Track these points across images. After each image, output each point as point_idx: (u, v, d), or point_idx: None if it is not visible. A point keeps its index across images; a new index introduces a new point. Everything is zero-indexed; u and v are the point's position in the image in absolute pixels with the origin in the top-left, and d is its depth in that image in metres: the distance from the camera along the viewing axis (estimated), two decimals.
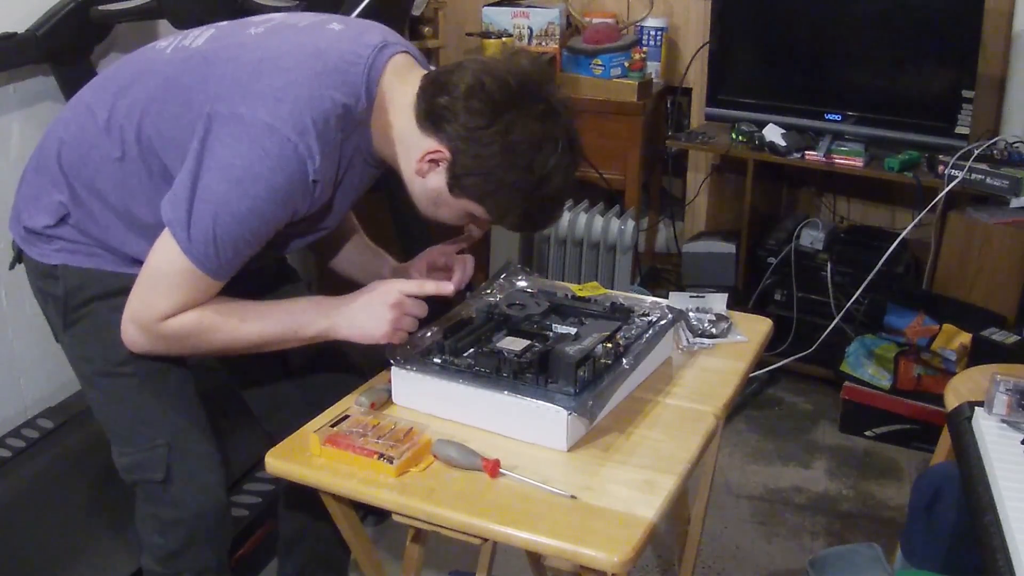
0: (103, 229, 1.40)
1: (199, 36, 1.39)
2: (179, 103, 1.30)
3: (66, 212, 1.40)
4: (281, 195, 1.25)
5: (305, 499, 1.66)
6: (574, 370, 1.25)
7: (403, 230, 2.63)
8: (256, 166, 1.22)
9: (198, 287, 1.28)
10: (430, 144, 1.30)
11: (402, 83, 1.33)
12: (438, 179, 1.32)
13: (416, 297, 1.35)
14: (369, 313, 1.34)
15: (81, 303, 1.42)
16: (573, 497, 1.14)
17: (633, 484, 1.17)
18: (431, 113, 1.29)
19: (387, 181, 1.49)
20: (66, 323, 1.44)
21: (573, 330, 1.42)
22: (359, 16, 2.09)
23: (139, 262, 1.34)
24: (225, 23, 1.42)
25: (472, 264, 1.52)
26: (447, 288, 1.38)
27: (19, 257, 1.48)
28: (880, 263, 2.69)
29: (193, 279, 1.27)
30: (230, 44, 1.34)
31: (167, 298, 1.28)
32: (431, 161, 1.31)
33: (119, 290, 1.37)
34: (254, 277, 1.39)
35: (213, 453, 1.48)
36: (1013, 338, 2.38)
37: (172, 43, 1.40)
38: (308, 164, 1.25)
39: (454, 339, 1.35)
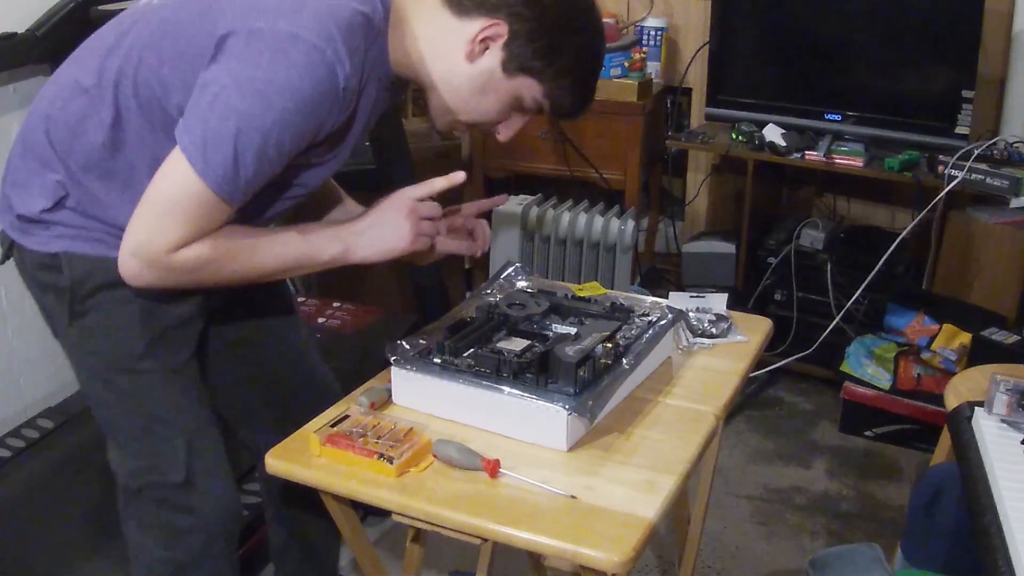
0: (105, 207, 1.31)
1: None
2: (181, 40, 1.23)
3: (64, 193, 1.31)
4: (309, 105, 1.18)
5: (292, 504, 1.67)
6: (574, 370, 1.25)
7: None
8: (281, 76, 1.15)
9: (212, 214, 1.20)
10: (479, 23, 1.25)
11: None
12: (491, 60, 1.27)
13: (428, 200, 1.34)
14: (384, 227, 1.32)
15: (88, 293, 1.33)
16: (573, 497, 1.14)
17: (633, 484, 1.17)
18: None
19: (388, 175, 1.48)
20: (72, 315, 1.34)
21: (573, 330, 1.42)
22: None
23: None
24: None
25: (488, 231, 1.50)
26: (459, 177, 1.36)
27: (9, 250, 1.39)
28: (880, 263, 2.69)
29: (208, 205, 1.19)
30: None
31: (178, 228, 1.19)
32: (485, 39, 1.26)
33: (123, 279, 1.29)
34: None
35: (224, 454, 1.45)
36: (1013, 338, 2.38)
37: None
38: (338, 69, 1.18)
39: (454, 339, 1.35)
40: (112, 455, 1.44)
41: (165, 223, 1.19)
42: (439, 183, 1.34)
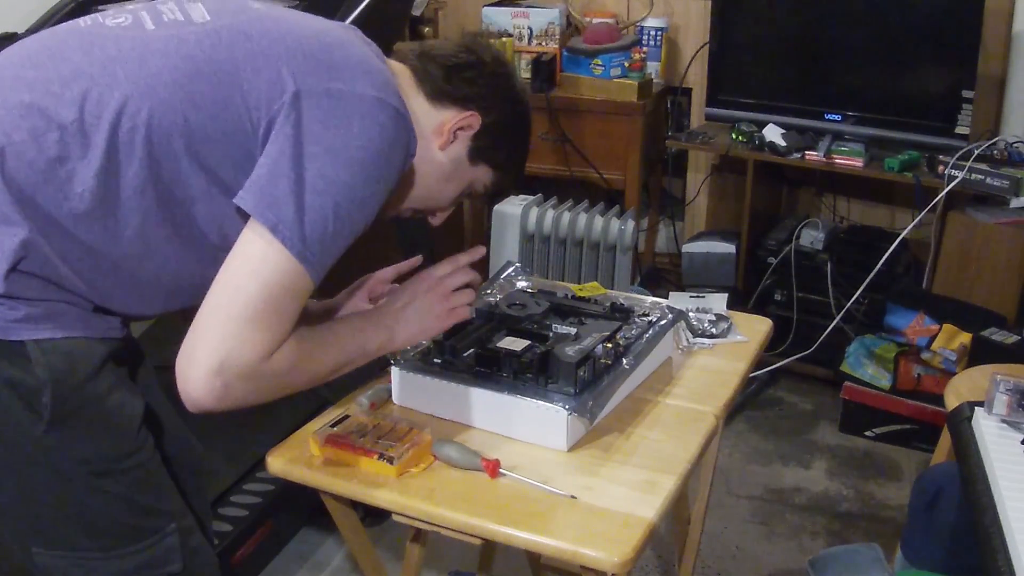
0: (80, 268, 1.09)
1: (186, 10, 1.16)
2: (220, 85, 1.09)
3: (24, 254, 1.04)
4: (395, 171, 1.14)
5: None
6: (574, 370, 1.25)
7: (405, 237, 2.62)
8: (375, 144, 1.09)
9: (301, 303, 1.09)
10: (452, 113, 1.26)
11: (390, 67, 1.25)
12: (459, 149, 1.29)
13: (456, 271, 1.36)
14: (420, 310, 1.31)
15: (72, 389, 1.08)
16: (573, 497, 1.14)
17: (633, 484, 1.17)
18: (446, 81, 1.26)
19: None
20: (53, 420, 1.07)
21: (573, 330, 1.42)
22: (360, 16, 2.08)
23: (104, 310, 1.11)
24: None
25: None
26: (479, 252, 1.39)
27: None
28: (880, 263, 2.69)
29: (301, 292, 1.08)
30: (256, 18, 1.16)
31: (272, 327, 1.05)
32: (459, 130, 1.27)
33: (104, 360, 1.12)
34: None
35: (195, 523, 1.29)
36: (1013, 338, 2.38)
37: (143, 21, 1.14)
38: (412, 134, 1.16)
39: (454, 339, 1.35)
40: (70, 566, 1.16)
41: (258, 326, 1.04)
42: (463, 258, 1.37)
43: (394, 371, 1.34)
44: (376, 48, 1.25)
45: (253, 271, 1.05)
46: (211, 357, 1.03)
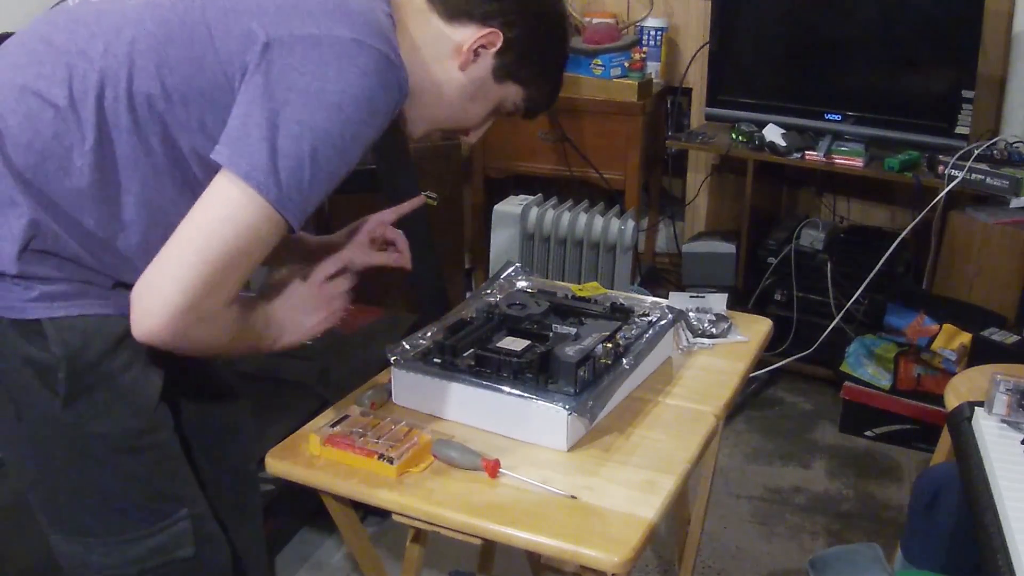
0: (89, 245, 1.11)
1: None
2: (196, 45, 1.08)
3: (33, 234, 1.07)
4: (382, 115, 1.11)
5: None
6: (574, 370, 1.25)
7: (413, 259, 2.62)
8: (354, 87, 1.06)
9: (272, 244, 1.08)
10: (471, 31, 1.21)
11: None
12: (482, 67, 1.24)
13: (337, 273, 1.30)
14: (297, 314, 1.25)
15: (88, 365, 1.11)
16: (573, 497, 1.14)
17: (633, 484, 1.17)
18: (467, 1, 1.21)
19: (389, 175, 1.46)
20: (70, 395, 1.11)
21: (573, 330, 1.42)
22: None
23: (125, 284, 1.11)
24: None
25: (405, 239, 1.44)
26: (418, 201, 1.39)
27: None
28: (880, 263, 2.69)
29: (276, 237, 1.07)
30: None
31: (246, 270, 1.07)
32: (480, 48, 1.22)
33: (119, 337, 1.12)
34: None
35: (207, 505, 1.30)
36: (1013, 338, 2.38)
37: None
38: (401, 75, 1.12)
39: (454, 339, 1.35)
40: (82, 551, 1.20)
41: (230, 272, 1.05)
42: (329, 267, 1.30)
43: (394, 371, 1.34)
44: None
45: (228, 216, 1.04)
46: (182, 296, 1.02)
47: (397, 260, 1.42)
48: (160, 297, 1.03)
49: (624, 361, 1.34)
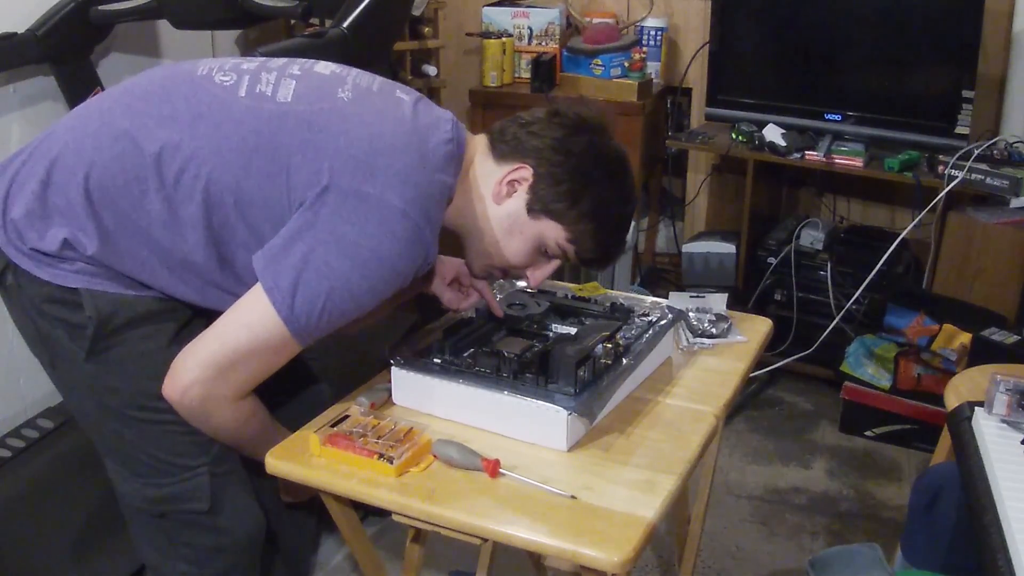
0: (130, 263, 1.29)
1: (277, 86, 1.30)
2: (275, 163, 1.24)
3: (86, 247, 1.27)
4: (401, 277, 1.24)
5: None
6: (574, 370, 1.25)
7: None
8: (384, 248, 1.20)
9: (282, 357, 1.25)
10: (509, 167, 1.33)
11: (473, 143, 1.37)
12: (517, 202, 1.33)
13: None
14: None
15: (113, 331, 1.30)
16: (573, 497, 1.14)
17: (633, 484, 1.17)
18: (514, 139, 1.33)
19: None
20: (91, 352, 1.31)
21: (573, 330, 1.42)
22: (359, 16, 2.09)
23: (164, 293, 1.32)
24: (296, 71, 1.34)
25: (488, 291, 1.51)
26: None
27: (4, 272, 1.32)
28: (880, 263, 2.69)
29: (283, 349, 1.23)
30: (328, 111, 1.27)
31: (250, 374, 1.23)
32: (512, 182, 1.32)
33: (145, 315, 1.32)
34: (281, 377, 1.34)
35: (243, 470, 1.44)
36: (1013, 338, 2.38)
37: (240, 85, 1.30)
38: (430, 250, 1.25)
39: (454, 339, 1.35)
40: (122, 481, 1.40)
41: (237, 368, 1.22)
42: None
43: (394, 371, 1.35)
44: (457, 136, 1.32)
45: (247, 323, 1.21)
46: (198, 372, 1.21)
47: (457, 303, 1.50)
48: (183, 367, 1.22)
49: (624, 361, 1.34)
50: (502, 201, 1.34)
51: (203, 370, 1.21)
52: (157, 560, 1.45)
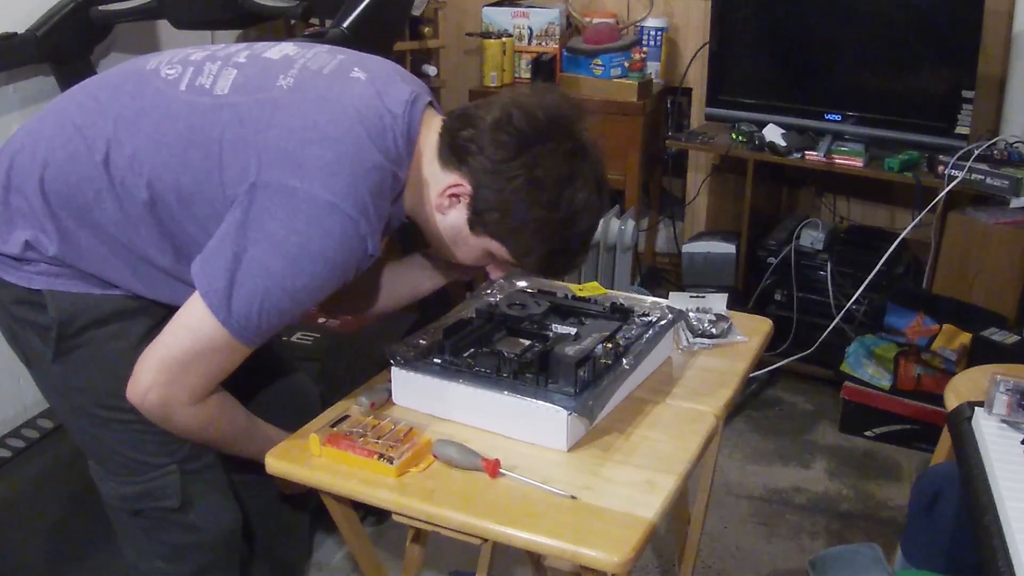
0: (92, 262, 1.29)
1: (217, 77, 1.27)
2: (208, 159, 1.21)
3: (47, 247, 1.27)
4: (339, 272, 1.21)
5: (261, 519, 1.66)
6: (574, 370, 1.25)
7: (406, 239, 2.62)
8: (315, 244, 1.17)
9: (230, 358, 1.23)
10: (451, 179, 1.27)
11: (429, 133, 1.30)
12: (458, 215, 1.29)
13: None
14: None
15: (76, 332, 1.30)
16: (573, 497, 1.14)
17: (633, 484, 1.17)
18: (454, 147, 1.26)
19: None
20: (57, 353, 1.31)
21: (573, 330, 1.42)
22: (359, 16, 2.08)
23: (130, 291, 1.31)
24: (242, 59, 1.30)
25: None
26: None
27: None
28: (880, 263, 2.69)
29: (226, 351, 1.21)
30: (263, 101, 1.23)
31: (200, 377, 1.22)
32: (452, 196, 1.27)
33: (112, 314, 1.31)
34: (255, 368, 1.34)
35: (219, 467, 1.44)
36: (1013, 338, 2.38)
37: (183, 78, 1.27)
38: (368, 241, 1.21)
39: (454, 339, 1.35)
40: (100, 479, 1.41)
41: (187, 372, 1.21)
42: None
43: (394, 371, 1.34)
44: (411, 119, 1.26)
45: (188, 327, 1.20)
46: (151, 376, 1.21)
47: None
48: (140, 371, 1.22)
49: (624, 361, 1.34)
50: (445, 212, 1.30)
51: (156, 374, 1.21)
52: (134, 557, 1.45)
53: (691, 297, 1.71)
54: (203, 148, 1.21)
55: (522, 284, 1.61)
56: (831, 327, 2.79)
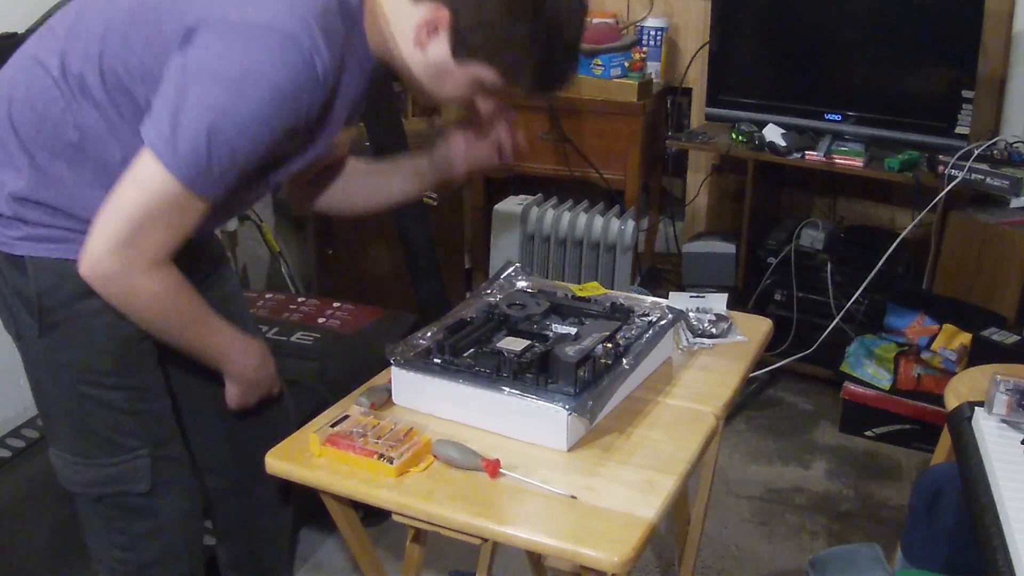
0: (74, 197, 1.24)
1: None
2: (148, 27, 1.18)
3: (16, 182, 1.25)
4: (288, 98, 1.14)
5: (245, 527, 1.67)
6: (574, 370, 1.25)
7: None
8: (255, 67, 1.11)
9: (187, 213, 1.18)
10: (426, 10, 1.22)
11: None
12: (440, 48, 1.24)
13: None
14: (247, 381, 1.44)
15: (58, 304, 1.28)
16: (573, 497, 1.14)
17: (633, 484, 1.17)
18: None
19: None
20: (42, 327, 1.29)
21: (573, 330, 1.42)
22: None
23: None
24: None
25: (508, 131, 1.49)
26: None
27: None
28: (880, 263, 2.69)
29: (181, 203, 1.16)
30: None
31: (158, 232, 1.16)
32: (430, 29, 1.22)
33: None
34: (190, 257, 1.29)
35: (186, 456, 1.46)
36: (1013, 338, 2.38)
37: None
38: (315, 59, 1.14)
39: (454, 339, 1.35)
40: (62, 467, 1.40)
41: (145, 233, 1.16)
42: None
43: (394, 371, 1.34)
44: None
45: (138, 180, 1.16)
46: (104, 242, 1.16)
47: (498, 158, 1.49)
48: (92, 241, 1.17)
49: (624, 361, 1.34)
50: (425, 47, 1.24)
51: (107, 241, 1.16)
52: (94, 545, 1.46)
53: (691, 297, 1.71)
54: (144, 20, 1.19)
55: (522, 284, 1.61)
56: (831, 327, 2.79)
